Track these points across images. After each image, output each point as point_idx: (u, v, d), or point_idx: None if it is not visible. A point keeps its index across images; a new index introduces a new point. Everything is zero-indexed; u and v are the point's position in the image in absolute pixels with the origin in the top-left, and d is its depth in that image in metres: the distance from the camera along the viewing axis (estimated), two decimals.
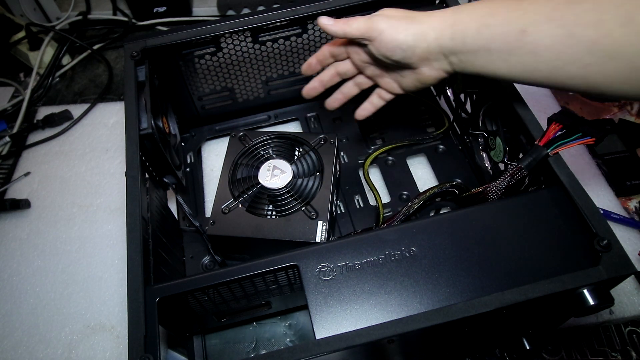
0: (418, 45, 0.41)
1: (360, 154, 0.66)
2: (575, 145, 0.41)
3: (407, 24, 0.41)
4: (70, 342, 0.55)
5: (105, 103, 0.81)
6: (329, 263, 0.39)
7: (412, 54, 0.42)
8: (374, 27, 0.42)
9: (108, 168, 0.71)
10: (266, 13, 0.57)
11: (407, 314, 0.35)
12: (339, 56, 0.49)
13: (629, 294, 0.55)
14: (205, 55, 0.60)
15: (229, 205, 0.52)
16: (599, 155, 0.68)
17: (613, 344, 0.53)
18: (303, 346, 0.34)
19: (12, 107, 0.80)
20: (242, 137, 0.58)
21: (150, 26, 0.92)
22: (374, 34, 0.42)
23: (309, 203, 0.51)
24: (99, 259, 0.61)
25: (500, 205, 0.41)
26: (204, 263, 0.58)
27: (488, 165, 0.58)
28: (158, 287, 0.39)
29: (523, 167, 0.43)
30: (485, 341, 0.50)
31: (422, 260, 0.38)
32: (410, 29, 0.41)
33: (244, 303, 0.46)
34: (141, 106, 0.50)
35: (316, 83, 0.51)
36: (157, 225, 0.49)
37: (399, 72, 0.46)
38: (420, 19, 0.41)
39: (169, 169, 0.55)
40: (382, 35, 0.42)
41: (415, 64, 0.43)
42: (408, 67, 0.44)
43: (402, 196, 0.62)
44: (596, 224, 0.37)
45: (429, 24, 0.40)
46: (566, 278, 0.35)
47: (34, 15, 0.90)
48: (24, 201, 0.67)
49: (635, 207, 0.64)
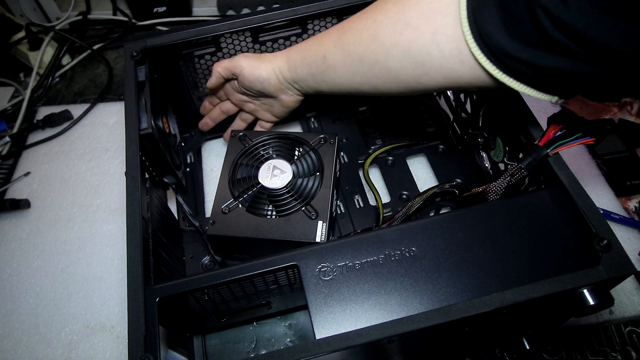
0: (271, 78, 0.53)
1: (360, 154, 0.66)
2: (575, 145, 0.41)
3: (260, 63, 0.53)
4: (70, 342, 0.55)
5: (105, 103, 0.81)
6: (329, 263, 0.39)
7: (269, 85, 0.54)
8: (236, 65, 0.54)
9: (108, 168, 0.71)
10: (266, 13, 0.57)
11: (407, 314, 0.35)
12: (221, 97, 0.63)
13: (629, 294, 0.55)
14: (205, 55, 0.60)
15: (229, 205, 0.52)
16: (599, 155, 0.68)
17: (613, 344, 0.53)
18: (303, 346, 0.34)
19: (12, 107, 0.80)
20: (242, 137, 0.58)
21: (150, 26, 0.92)
22: (237, 70, 0.54)
23: (309, 203, 0.51)
24: (99, 259, 0.61)
25: (500, 205, 0.41)
26: (204, 263, 0.58)
27: (488, 165, 0.58)
28: (158, 287, 0.39)
29: (523, 167, 0.43)
30: (485, 341, 0.50)
31: (422, 260, 0.38)
32: (262, 66, 0.53)
33: (244, 303, 0.46)
34: (141, 106, 0.50)
35: (208, 120, 0.65)
36: (157, 225, 0.49)
37: (267, 103, 0.59)
38: (268, 59, 0.53)
39: (169, 169, 0.55)
40: (243, 71, 0.54)
41: (274, 93, 0.55)
42: (270, 96, 0.56)
43: (402, 196, 0.62)
44: (596, 224, 0.37)
45: (274, 62, 0.53)
46: (566, 278, 0.35)
47: (34, 15, 0.90)
48: (24, 201, 0.67)
49: (635, 207, 0.64)
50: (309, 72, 0.50)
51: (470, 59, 0.37)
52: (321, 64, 0.48)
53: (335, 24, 0.61)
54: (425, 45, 0.39)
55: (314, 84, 0.51)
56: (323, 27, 0.61)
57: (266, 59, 0.53)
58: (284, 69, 0.52)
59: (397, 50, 0.41)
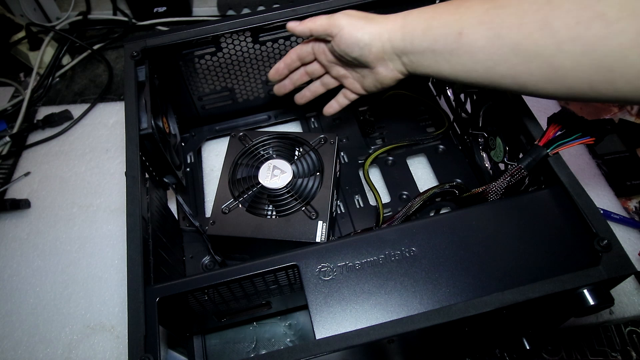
0: (374, 44, 0.44)
1: (360, 154, 0.66)
2: (575, 145, 0.41)
3: (364, 24, 0.44)
4: (70, 342, 0.55)
5: (105, 103, 0.81)
6: (329, 263, 0.39)
7: (369, 52, 0.44)
8: (335, 24, 0.45)
9: (108, 168, 0.71)
10: (266, 13, 0.57)
11: (407, 314, 0.35)
12: (305, 58, 0.52)
13: (629, 294, 0.55)
14: (205, 55, 0.60)
15: (229, 205, 0.52)
16: (599, 155, 0.68)
17: (613, 344, 0.53)
18: (303, 346, 0.34)
19: (12, 107, 0.80)
20: (242, 137, 0.58)
21: (150, 26, 0.92)
22: (335, 30, 0.45)
23: (309, 203, 0.51)
24: (99, 259, 0.61)
25: (501, 205, 0.41)
26: (204, 263, 0.58)
27: (488, 165, 0.58)
28: (158, 287, 0.39)
29: (523, 167, 0.43)
30: (485, 341, 0.50)
31: (422, 260, 0.38)
32: (367, 28, 0.44)
33: (244, 303, 0.46)
34: (141, 106, 0.50)
35: (287, 81, 0.55)
36: (157, 225, 0.49)
37: (360, 72, 0.49)
38: (376, 20, 0.44)
39: (169, 169, 0.55)
40: (342, 31, 0.45)
41: (372, 63, 0.45)
42: (366, 65, 0.47)
43: (402, 196, 0.62)
44: (596, 224, 0.37)
45: (383, 26, 0.43)
46: (566, 278, 0.35)
47: (34, 15, 0.90)
48: (24, 201, 0.67)
49: (635, 207, 0.64)
50: (431, 47, 0.40)
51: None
52: (453, 42, 0.38)
53: None
54: (621, 47, 0.31)
55: (433, 63, 0.41)
56: None
57: (373, 20, 0.44)
58: (395, 35, 0.42)
59: (575, 46, 0.32)
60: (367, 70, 0.48)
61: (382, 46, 0.43)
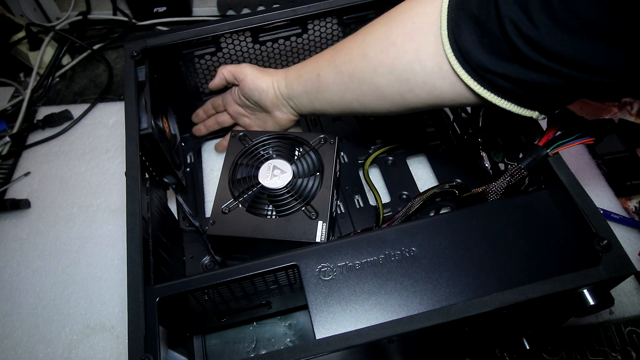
0: (269, 91, 0.55)
1: (360, 154, 0.66)
2: (575, 145, 0.41)
3: (262, 74, 0.55)
4: (70, 342, 0.55)
5: (105, 103, 0.81)
6: (329, 263, 0.39)
7: (266, 98, 0.55)
8: (241, 71, 0.56)
9: (108, 168, 0.71)
10: (266, 13, 0.57)
11: (407, 314, 0.35)
12: (218, 108, 0.64)
13: (629, 294, 0.55)
14: (205, 55, 0.60)
15: (229, 205, 0.52)
16: (599, 155, 0.68)
17: (613, 344, 0.53)
18: (303, 346, 0.34)
19: (12, 107, 0.80)
20: (242, 137, 0.58)
21: (150, 26, 0.92)
22: (241, 76, 0.56)
23: (309, 203, 0.51)
24: (99, 259, 0.61)
25: (500, 205, 0.41)
26: (204, 263, 0.58)
27: (488, 165, 0.58)
28: (158, 287, 0.39)
29: (523, 167, 0.43)
30: (485, 341, 0.50)
31: (422, 260, 0.38)
32: (264, 78, 0.55)
33: (244, 303, 0.46)
34: (141, 106, 0.50)
35: (202, 127, 0.67)
36: (157, 225, 0.49)
37: (261, 119, 0.60)
38: (270, 73, 0.55)
39: (169, 169, 0.55)
40: (246, 78, 0.56)
41: (269, 107, 0.56)
42: (265, 110, 0.57)
43: (402, 196, 0.62)
44: (596, 224, 0.37)
45: (274, 77, 0.55)
46: (566, 278, 0.35)
47: (34, 15, 0.90)
48: (24, 201, 0.67)
49: (635, 207, 0.64)
50: (304, 89, 0.52)
51: (451, 75, 0.39)
52: (315, 82, 0.50)
53: (335, 24, 0.61)
54: (409, 63, 0.41)
55: (308, 102, 0.53)
56: (323, 27, 0.61)
57: (268, 72, 0.55)
58: (281, 84, 0.54)
59: (383, 67, 0.43)
60: (267, 115, 0.58)
61: (275, 93, 0.55)
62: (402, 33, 0.41)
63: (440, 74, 0.39)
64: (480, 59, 0.35)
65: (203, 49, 0.60)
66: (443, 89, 0.40)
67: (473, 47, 0.36)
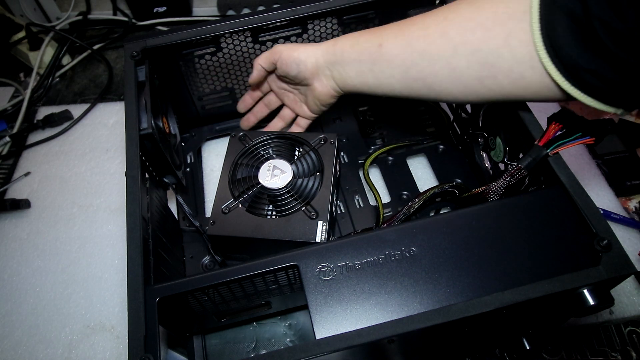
0: (308, 61, 0.51)
1: (360, 154, 0.66)
2: (575, 145, 0.41)
3: (299, 47, 0.53)
4: (70, 342, 0.55)
5: (105, 103, 0.81)
6: (329, 263, 0.39)
7: (305, 68, 0.52)
8: (275, 51, 0.54)
9: (108, 168, 0.71)
10: (266, 13, 0.57)
11: (407, 314, 0.35)
12: (264, 90, 0.62)
13: (629, 294, 0.55)
14: (205, 55, 0.60)
15: (229, 205, 0.52)
16: (599, 155, 0.68)
17: (613, 344, 0.53)
18: (303, 346, 0.34)
19: (12, 107, 0.80)
20: (242, 137, 0.58)
21: (150, 26, 0.92)
22: (275, 56, 0.54)
23: (309, 203, 0.51)
24: (99, 259, 0.61)
25: (500, 205, 0.41)
26: (204, 263, 0.58)
27: (488, 165, 0.58)
28: (158, 287, 0.39)
29: (523, 167, 0.43)
30: (485, 341, 0.50)
31: (422, 260, 0.38)
32: (302, 49, 0.52)
33: (244, 303, 0.46)
34: (141, 106, 0.50)
35: (251, 116, 0.65)
36: (157, 225, 0.49)
37: (302, 93, 0.58)
38: (311, 45, 0.53)
39: (169, 169, 0.55)
40: (282, 55, 0.53)
41: (309, 79, 0.53)
42: (305, 83, 0.54)
43: (402, 196, 0.62)
44: (596, 224, 0.37)
45: (317, 47, 0.51)
46: (566, 278, 0.35)
47: (34, 15, 0.90)
48: (24, 201, 0.67)
49: (635, 207, 0.64)
50: (357, 57, 0.47)
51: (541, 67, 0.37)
52: (374, 52, 0.46)
53: (335, 24, 0.61)
54: (497, 47, 0.39)
55: (359, 73, 0.48)
56: (323, 27, 0.61)
57: (307, 45, 0.53)
58: (328, 51, 0.50)
59: (466, 47, 0.40)
60: (307, 88, 0.55)
61: (316, 61, 0.51)
62: (493, 17, 0.39)
63: (530, 63, 0.37)
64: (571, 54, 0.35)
65: (203, 49, 0.60)
66: (531, 80, 0.38)
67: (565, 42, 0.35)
